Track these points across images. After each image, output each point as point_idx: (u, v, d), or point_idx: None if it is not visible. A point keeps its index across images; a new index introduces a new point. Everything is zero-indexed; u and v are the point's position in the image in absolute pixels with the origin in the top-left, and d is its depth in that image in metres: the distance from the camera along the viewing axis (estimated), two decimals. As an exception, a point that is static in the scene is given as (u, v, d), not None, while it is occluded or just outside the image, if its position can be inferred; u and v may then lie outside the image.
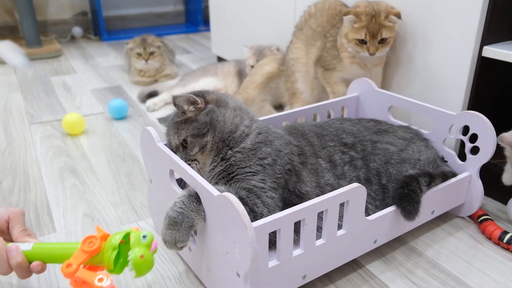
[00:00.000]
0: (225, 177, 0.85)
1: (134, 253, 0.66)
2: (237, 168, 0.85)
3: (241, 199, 0.78)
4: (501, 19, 1.06)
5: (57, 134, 1.57)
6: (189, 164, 0.88)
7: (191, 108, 0.89)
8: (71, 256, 0.68)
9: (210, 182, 0.86)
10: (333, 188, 0.90)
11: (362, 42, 1.23)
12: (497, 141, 0.96)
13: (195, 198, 0.76)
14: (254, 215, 0.78)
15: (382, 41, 1.23)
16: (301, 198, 0.86)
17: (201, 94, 0.92)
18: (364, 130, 1.04)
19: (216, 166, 0.88)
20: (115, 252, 0.68)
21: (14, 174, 1.30)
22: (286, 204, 0.85)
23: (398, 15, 1.21)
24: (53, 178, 1.27)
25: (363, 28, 1.22)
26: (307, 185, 0.88)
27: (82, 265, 0.68)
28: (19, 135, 1.56)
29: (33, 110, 1.78)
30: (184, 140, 0.89)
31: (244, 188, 0.81)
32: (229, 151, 0.87)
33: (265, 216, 0.77)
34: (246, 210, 0.71)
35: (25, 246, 0.74)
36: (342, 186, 0.91)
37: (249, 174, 0.83)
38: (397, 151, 0.99)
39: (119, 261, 0.70)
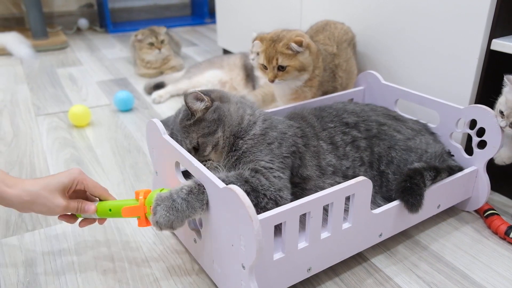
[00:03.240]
0: (237, 164, 0.86)
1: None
2: (249, 154, 0.86)
3: (246, 179, 0.79)
4: (510, 11, 1.04)
5: (63, 125, 1.57)
6: (204, 165, 0.86)
7: (200, 105, 0.89)
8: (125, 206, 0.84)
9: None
10: (335, 169, 0.91)
11: (264, 67, 1.18)
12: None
13: (202, 188, 0.76)
14: (256, 195, 0.78)
15: (282, 68, 1.14)
16: (303, 179, 0.88)
17: (205, 92, 0.92)
18: (369, 111, 1.03)
19: (230, 158, 0.88)
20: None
21: (21, 165, 1.30)
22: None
23: (299, 43, 1.12)
24: (59, 169, 1.28)
25: (263, 52, 1.17)
26: (308, 170, 0.89)
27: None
28: (26, 126, 1.57)
29: (39, 102, 1.79)
30: (196, 142, 0.89)
31: (252, 169, 0.82)
32: (241, 141, 0.88)
33: (270, 195, 0.78)
34: (248, 189, 0.73)
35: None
36: (345, 166, 0.92)
37: (258, 156, 0.85)
38: (404, 139, 0.99)
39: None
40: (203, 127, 0.89)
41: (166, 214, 0.72)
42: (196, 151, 0.90)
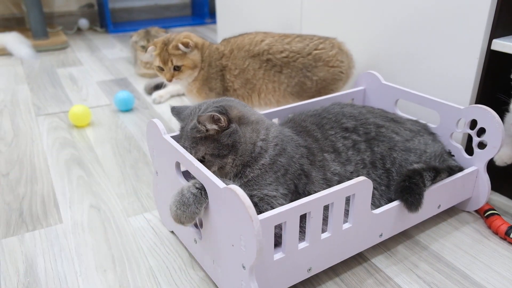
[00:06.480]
0: (241, 187, 0.83)
1: None
2: (254, 183, 0.84)
3: (255, 203, 0.79)
4: (510, 11, 1.04)
5: (64, 125, 1.57)
6: None
7: (214, 126, 0.83)
8: None
9: None
10: (341, 177, 0.90)
11: (161, 68, 1.31)
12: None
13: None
14: None
15: (178, 68, 1.29)
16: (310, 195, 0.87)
17: (224, 110, 0.85)
18: (367, 113, 1.03)
19: (235, 182, 0.86)
20: None
21: (21, 165, 1.31)
22: None
23: (185, 44, 1.27)
24: (59, 170, 1.28)
25: (158, 55, 1.30)
26: (316, 186, 0.88)
27: None
28: (26, 126, 1.57)
29: (39, 102, 1.79)
30: (203, 157, 0.86)
31: (257, 196, 0.81)
32: (248, 169, 0.85)
33: None
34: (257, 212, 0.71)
35: None
36: (349, 171, 0.91)
37: (263, 185, 0.83)
38: (402, 141, 0.99)
39: None
40: (214, 147, 0.84)
41: (174, 209, 0.76)
42: (200, 162, 0.87)
